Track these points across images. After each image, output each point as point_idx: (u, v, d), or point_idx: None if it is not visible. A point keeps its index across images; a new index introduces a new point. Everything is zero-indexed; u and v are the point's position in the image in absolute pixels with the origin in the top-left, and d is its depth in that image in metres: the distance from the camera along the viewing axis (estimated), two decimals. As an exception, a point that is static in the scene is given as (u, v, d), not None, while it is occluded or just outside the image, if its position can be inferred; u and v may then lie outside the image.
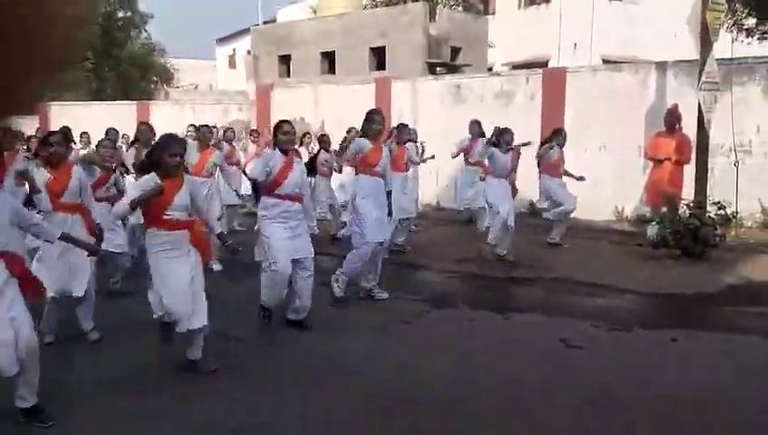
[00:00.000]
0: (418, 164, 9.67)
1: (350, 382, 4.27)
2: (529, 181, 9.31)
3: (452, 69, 16.43)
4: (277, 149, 5.21)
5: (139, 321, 4.89)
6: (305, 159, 8.95)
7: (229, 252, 4.82)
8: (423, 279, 7.45)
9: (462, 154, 9.81)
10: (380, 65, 16.57)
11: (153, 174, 4.16)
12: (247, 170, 5.50)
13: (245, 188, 9.46)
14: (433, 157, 10.15)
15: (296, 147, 6.57)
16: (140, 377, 4.30)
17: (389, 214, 6.32)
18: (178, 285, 4.17)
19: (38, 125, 16.42)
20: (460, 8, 21.31)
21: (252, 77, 18.99)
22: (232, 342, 5.00)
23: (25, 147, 9.74)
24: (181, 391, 4.12)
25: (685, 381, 4.28)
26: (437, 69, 16.14)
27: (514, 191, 8.04)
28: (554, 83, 11.44)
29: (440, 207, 12.55)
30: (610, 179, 10.45)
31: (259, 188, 5.37)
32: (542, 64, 18.79)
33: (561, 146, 8.74)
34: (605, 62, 18.36)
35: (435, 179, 12.02)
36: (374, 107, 12.57)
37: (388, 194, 6.24)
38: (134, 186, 4.16)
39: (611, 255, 8.49)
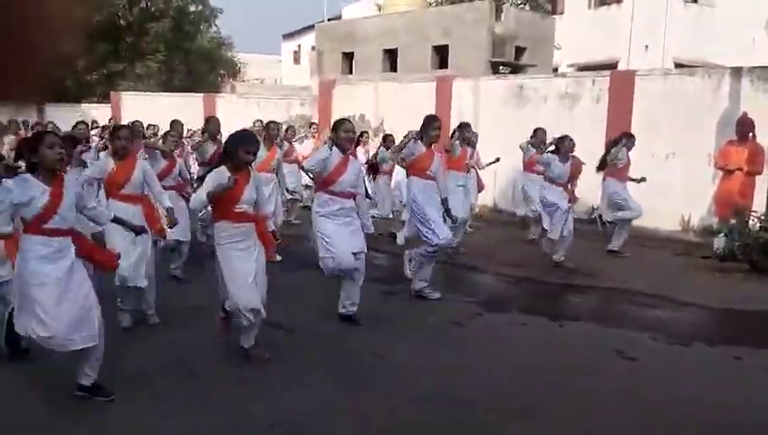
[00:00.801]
0: (482, 168, 9.49)
1: (397, 381, 4.28)
2: (590, 186, 9.07)
3: (516, 69, 16.18)
4: (335, 147, 5.27)
5: (196, 307, 5.05)
6: (362, 157, 9.01)
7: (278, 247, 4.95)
8: (476, 281, 7.39)
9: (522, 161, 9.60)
10: (443, 64, 16.48)
11: (224, 167, 4.28)
12: (304, 163, 5.57)
13: (300, 181, 9.65)
14: (498, 159, 9.95)
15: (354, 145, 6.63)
16: (192, 362, 4.45)
17: (450, 217, 6.33)
18: (245, 276, 4.29)
19: (111, 114, 17.13)
20: (527, 7, 20.95)
21: (315, 73, 19.23)
22: (283, 333, 5.10)
23: (100, 135, 10.22)
24: (230, 378, 4.24)
25: (746, 403, 4.09)
26: (501, 68, 15.93)
27: (573, 200, 7.84)
28: (622, 86, 11.10)
29: (498, 208, 12.39)
30: (677, 188, 10.06)
31: (315, 183, 5.45)
32: (611, 66, 18.27)
33: (629, 150, 8.49)
34: (677, 65, 17.69)
35: (493, 181, 11.87)
36: (434, 106, 12.64)
37: (444, 201, 6.24)
38: (208, 179, 4.29)
39: (674, 266, 8.20)
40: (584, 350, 5.05)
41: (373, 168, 9.41)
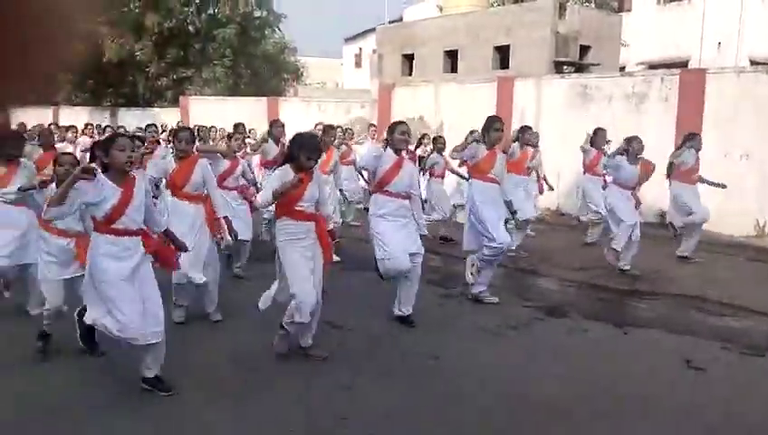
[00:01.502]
0: (542, 176, 9.28)
1: (450, 384, 4.25)
2: (658, 189, 8.75)
3: (580, 68, 15.79)
4: (389, 148, 5.27)
5: (258, 305, 5.14)
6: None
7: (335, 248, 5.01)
8: (536, 285, 7.24)
9: (582, 163, 9.35)
10: (504, 64, 16.26)
11: (288, 166, 4.36)
12: (358, 162, 5.63)
13: (358, 183, 9.70)
14: (551, 189, 9.75)
15: (412, 147, 6.61)
16: (253, 359, 4.54)
17: (516, 224, 6.23)
18: (305, 273, 4.36)
19: (180, 117, 17.74)
20: (592, 5, 20.43)
21: (375, 76, 19.34)
22: (339, 333, 5.14)
23: (169, 137, 10.58)
24: (289, 375, 4.30)
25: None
26: (564, 68, 15.58)
27: (638, 204, 7.57)
28: (692, 85, 10.65)
29: (561, 212, 12.12)
30: (752, 191, 9.58)
31: (370, 184, 5.48)
32: (681, 65, 17.58)
33: (698, 150, 8.12)
34: (752, 63, 16.84)
35: (556, 183, 11.62)
36: (495, 107, 12.48)
37: (508, 203, 6.15)
38: (273, 177, 4.40)
39: (749, 273, 7.79)
40: (650, 358, 4.86)
41: (425, 170, 9.36)
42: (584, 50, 16.46)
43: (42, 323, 4.47)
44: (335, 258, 7.39)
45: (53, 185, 4.28)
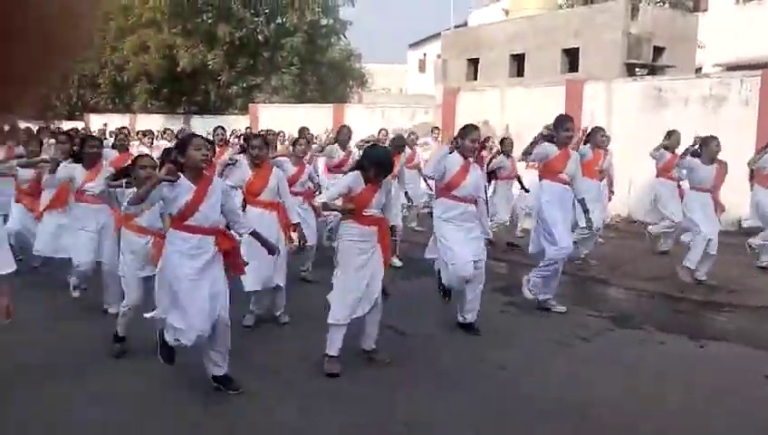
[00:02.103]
0: (611, 182, 8.97)
1: (515, 393, 4.16)
2: (736, 196, 8.31)
3: (653, 70, 15.25)
4: (456, 152, 5.21)
5: (322, 307, 5.19)
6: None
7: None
8: (606, 295, 7.01)
9: (656, 166, 8.98)
10: (573, 67, 15.89)
11: (358, 172, 4.41)
12: (423, 168, 5.57)
13: (421, 187, 9.66)
14: (612, 193, 9.45)
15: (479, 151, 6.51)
16: (319, 361, 4.58)
17: (589, 226, 6.05)
18: (364, 276, 4.38)
19: (249, 124, 18.23)
20: (666, 5, 19.70)
21: (439, 81, 19.30)
22: (403, 337, 5.13)
23: (240, 144, 10.87)
24: (353, 377, 4.32)
25: None
26: (637, 70, 15.08)
27: (720, 209, 7.19)
28: (776, 86, 10.08)
29: (632, 219, 11.69)
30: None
31: (436, 187, 5.44)
32: (761, 66, 16.69)
33: None
34: None
35: (627, 189, 11.23)
36: (564, 111, 12.18)
37: (581, 202, 5.95)
38: (342, 182, 4.47)
39: (840, 285, 7.28)
40: (729, 373, 4.61)
41: (491, 174, 9.22)
42: (658, 51, 15.88)
43: (118, 322, 4.66)
44: (398, 263, 7.44)
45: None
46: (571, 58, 16.10)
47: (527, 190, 8.94)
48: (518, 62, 17.46)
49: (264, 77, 22.83)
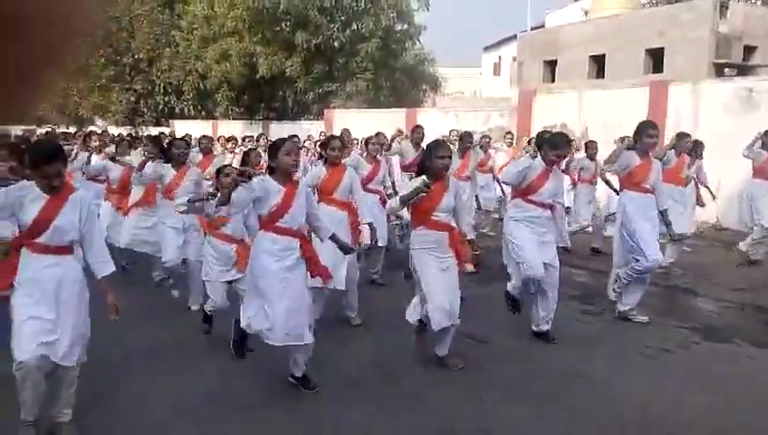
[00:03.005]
0: (703, 186, 8.51)
1: (599, 404, 4.01)
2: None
3: (744, 70, 14.43)
4: (539, 158, 5.08)
5: (394, 310, 5.21)
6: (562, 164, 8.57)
7: (474, 260, 4.92)
8: (692, 305, 6.65)
9: (752, 166, 8.46)
10: (657, 68, 15.27)
11: (423, 176, 4.40)
12: (500, 175, 5.44)
13: (495, 191, 9.49)
14: (714, 198, 8.94)
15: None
16: (391, 364, 4.60)
17: (673, 238, 5.76)
18: (439, 285, 4.35)
19: (323, 129, 18.55)
20: (758, 2, 18.61)
21: (515, 83, 19.00)
22: (474, 345, 5.06)
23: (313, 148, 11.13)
24: (424, 382, 4.30)
25: None
26: (726, 70, 14.31)
27: None
28: None
29: (721, 226, 11.09)
30: None
31: (512, 190, 5.31)
32: None
33: None
34: None
35: (715, 196, 10.66)
36: (647, 114, 11.73)
37: (662, 213, 5.69)
38: (407, 186, 4.46)
39: None
40: (831, 394, 4.28)
41: (574, 173, 8.94)
42: (749, 51, 15.03)
43: (203, 315, 4.86)
44: (470, 269, 7.35)
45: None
46: (655, 58, 15.48)
47: (618, 192, 8.64)
48: (598, 64, 16.97)
49: (340, 83, 23.18)
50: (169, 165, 5.64)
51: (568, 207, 7.86)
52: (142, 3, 25.15)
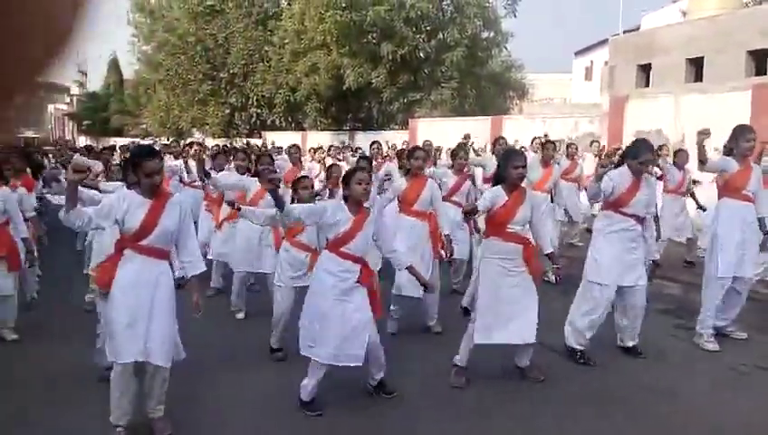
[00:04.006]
0: None
1: (692, 424, 3.85)
2: None
3: None
4: (625, 168, 4.88)
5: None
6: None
7: (554, 272, 4.82)
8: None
9: None
10: (760, 71, 14.33)
11: (500, 187, 4.38)
12: (587, 189, 5.20)
13: (579, 201, 9.17)
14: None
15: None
16: (471, 372, 4.57)
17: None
18: (498, 292, 4.30)
19: (407, 138, 18.68)
20: None
21: (606, 88, 18.38)
22: (560, 357, 4.95)
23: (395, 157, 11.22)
24: (504, 393, 4.27)
25: None
26: (842, 70, 13.21)
27: None
28: None
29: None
30: None
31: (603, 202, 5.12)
32: None
33: None
34: None
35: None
36: (749, 118, 11.03)
37: (761, 221, 5.33)
38: (484, 197, 4.45)
39: None
40: None
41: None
42: None
43: (271, 336, 4.99)
44: (551, 279, 7.19)
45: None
46: (758, 61, 14.53)
47: (704, 209, 8.19)
48: (696, 67, 16.13)
49: (425, 92, 23.29)
50: (255, 179, 5.86)
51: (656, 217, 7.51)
52: (237, 20, 26.37)
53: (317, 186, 6.31)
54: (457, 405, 4.11)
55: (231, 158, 7.92)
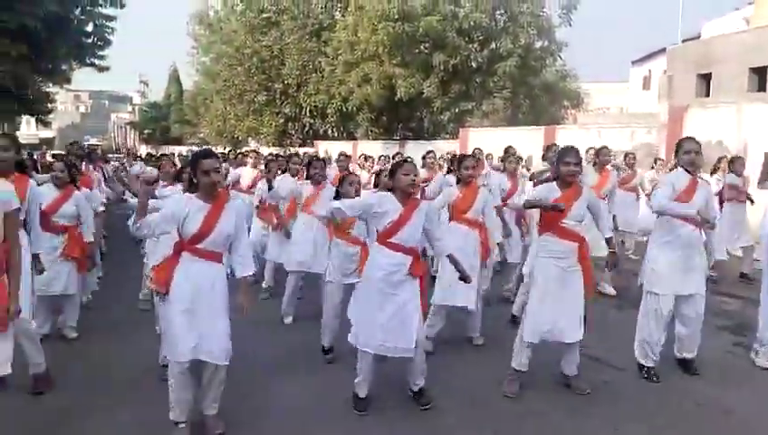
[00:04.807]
0: None
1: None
2: None
3: None
4: (681, 170, 4.74)
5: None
6: (715, 186, 7.94)
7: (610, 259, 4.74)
8: None
9: None
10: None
11: (554, 183, 4.37)
12: (653, 196, 5.02)
13: (636, 211, 8.93)
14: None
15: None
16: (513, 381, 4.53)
17: None
18: (556, 294, 4.26)
19: (457, 148, 18.63)
20: None
21: (664, 98, 17.90)
22: (608, 368, 4.86)
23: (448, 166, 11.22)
24: (547, 405, 4.21)
25: None
26: None
27: None
28: None
29: None
30: None
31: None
32: None
33: None
34: None
35: None
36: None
37: None
38: (539, 189, 4.44)
39: None
40: None
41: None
42: None
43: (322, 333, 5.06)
44: (611, 291, 7.04)
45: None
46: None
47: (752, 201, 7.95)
48: (759, 76, 15.57)
49: (476, 102, 23.19)
50: (308, 182, 6.02)
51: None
52: (292, 32, 26.91)
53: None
54: (501, 417, 4.07)
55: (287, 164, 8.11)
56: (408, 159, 4.79)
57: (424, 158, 9.25)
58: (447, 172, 7.77)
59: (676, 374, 4.82)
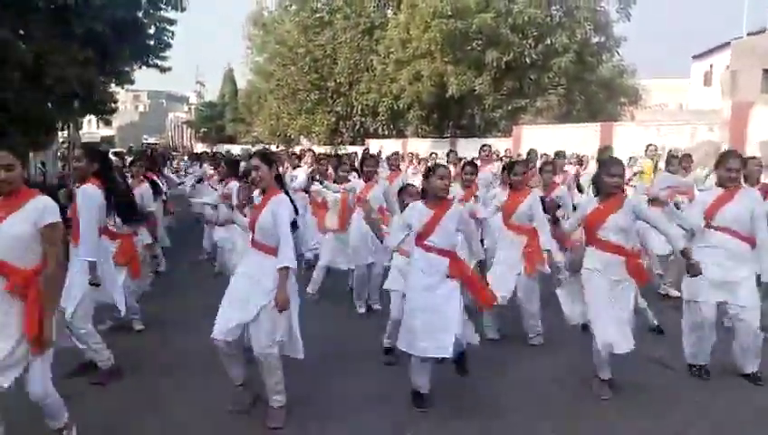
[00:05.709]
0: None
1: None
2: None
3: None
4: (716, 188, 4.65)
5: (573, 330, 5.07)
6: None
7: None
8: None
9: None
10: None
11: (595, 198, 4.31)
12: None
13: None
14: None
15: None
16: (574, 382, 4.51)
17: None
18: (604, 312, 4.17)
19: (510, 146, 18.42)
20: None
21: (727, 94, 17.24)
22: (671, 373, 4.76)
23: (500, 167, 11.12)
24: (605, 406, 4.15)
25: None
26: None
27: None
28: None
29: None
30: None
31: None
32: None
33: None
34: None
35: None
36: None
37: None
38: (580, 205, 4.40)
39: None
40: None
41: None
42: None
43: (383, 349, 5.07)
44: (642, 303, 6.86)
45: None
46: None
47: None
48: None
49: (530, 99, 22.86)
50: (360, 179, 6.16)
51: None
52: (344, 31, 27.15)
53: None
54: (560, 416, 4.04)
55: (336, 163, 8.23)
56: (447, 161, 4.83)
57: (480, 150, 9.25)
58: (502, 171, 7.69)
59: (730, 378, 4.67)
